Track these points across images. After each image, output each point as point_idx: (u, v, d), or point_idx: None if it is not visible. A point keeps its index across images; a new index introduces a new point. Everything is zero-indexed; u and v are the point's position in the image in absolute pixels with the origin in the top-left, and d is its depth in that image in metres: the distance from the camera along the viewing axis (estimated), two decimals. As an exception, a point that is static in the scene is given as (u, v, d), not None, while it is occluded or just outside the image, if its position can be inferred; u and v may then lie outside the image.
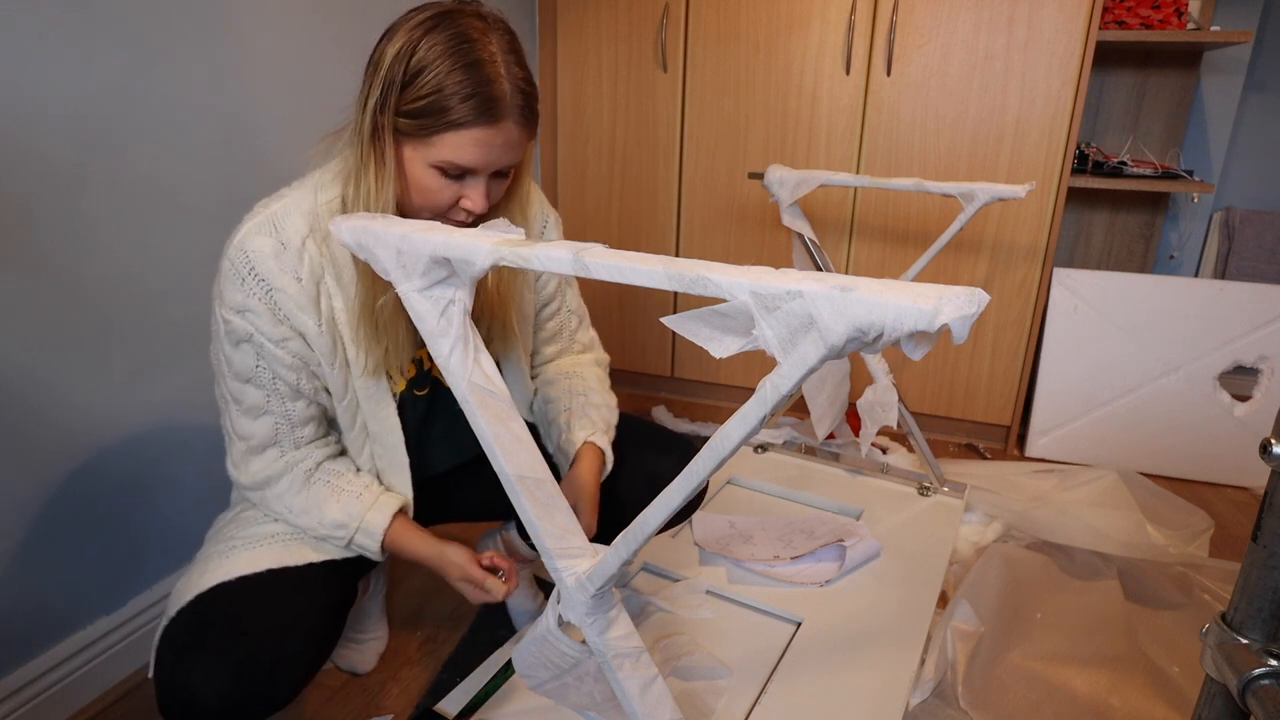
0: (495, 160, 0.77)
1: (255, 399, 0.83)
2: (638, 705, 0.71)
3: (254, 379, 0.82)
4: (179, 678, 0.75)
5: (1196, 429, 1.88)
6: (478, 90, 0.73)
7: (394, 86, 0.73)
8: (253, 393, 0.82)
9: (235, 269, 0.78)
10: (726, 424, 0.51)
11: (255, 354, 0.81)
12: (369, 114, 0.75)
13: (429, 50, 0.73)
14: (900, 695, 1.08)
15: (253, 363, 0.81)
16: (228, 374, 0.82)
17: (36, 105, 0.96)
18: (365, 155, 0.77)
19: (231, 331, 0.80)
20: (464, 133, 0.74)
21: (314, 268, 0.81)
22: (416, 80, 0.73)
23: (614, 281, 0.51)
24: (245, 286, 0.78)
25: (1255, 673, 0.52)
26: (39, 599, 1.04)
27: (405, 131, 0.75)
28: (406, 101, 0.74)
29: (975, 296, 0.40)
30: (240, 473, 0.87)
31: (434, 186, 0.77)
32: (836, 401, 1.77)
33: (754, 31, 1.95)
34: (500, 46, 0.76)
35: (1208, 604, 1.33)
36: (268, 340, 0.80)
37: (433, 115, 0.73)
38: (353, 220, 0.67)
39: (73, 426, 1.05)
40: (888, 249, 1.99)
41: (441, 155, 0.75)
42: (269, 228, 0.79)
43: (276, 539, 0.87)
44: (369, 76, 0.76)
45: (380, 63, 0.75)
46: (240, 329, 0.79)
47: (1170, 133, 2.09)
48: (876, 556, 1.41)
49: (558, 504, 0.69)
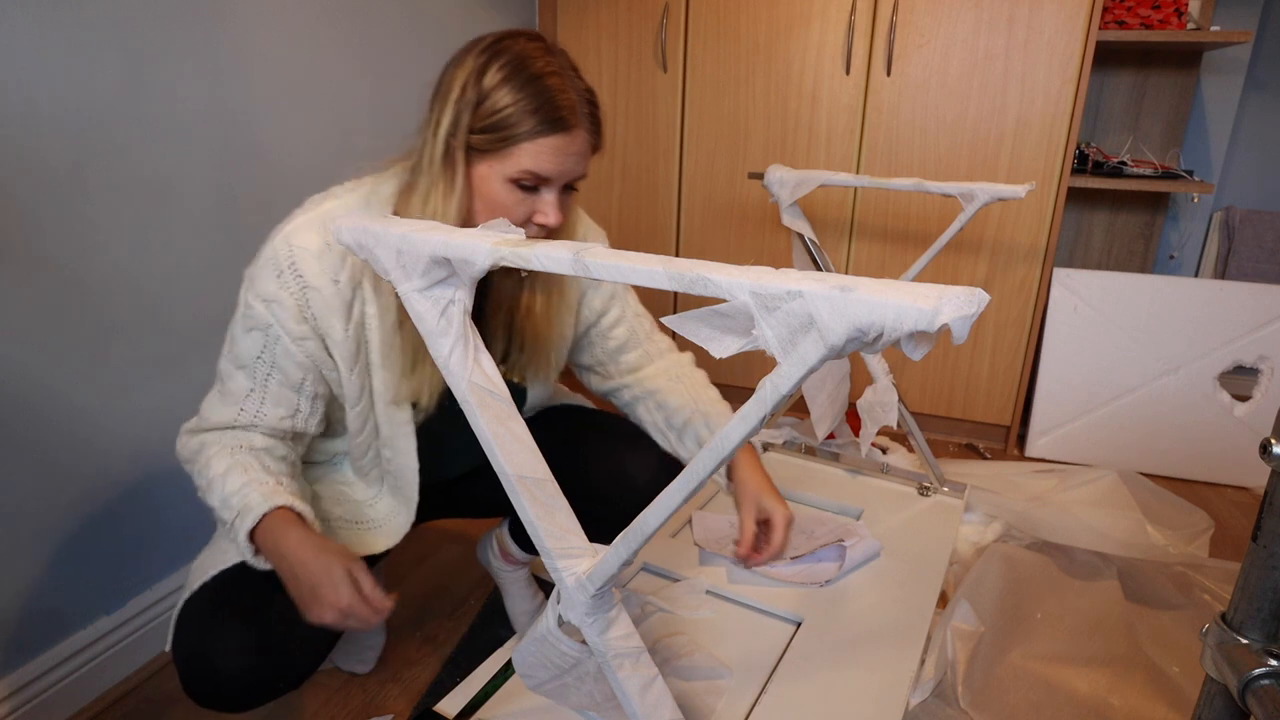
0: (570, 169, 0.80)
1: (239, 386, 0.83)
2: (637, 705, 0.71)
3: (250, 368, 0.82)
4: (201, 648, 0.77)
5: (1196, 429, 1.88)
6: (550, 100, 0.76)
7: (466, 108, 0.77)
8: (240, 381, 0.83)
9: (276, 260, 0.79)
10: (726, 424, 0.51)
11: (262, 344, 0.81)
12: (440, 139, 0.78)
13: (498, 70, 0.76)
14: (900, 695, 1.07)
15: (255, 352, 0.81)
16: (226, 355, 0.84)
17: (36, 105, 0.96)
18: (436, 178, 0.79)
19: (250, 316, 0.80)
20: (540, 141, 0.77)
21: (354, 272, 0.82)
22: (489, 98, 0.76)
23: (614, 281, 0.51)
24: (281, 279, 0.78)
25: (1255, 673, 0.52)
26: (39, 599, 1.04)
27: (480, 148, 0.78)
28: (480, 119, 0.76)
29: (975, 296, 0.40)
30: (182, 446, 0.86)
31: (509, 202, 0.79)
32: (836, 401, 1.77)
33: (754, 31, 1.95)
34: (562, 62, 0.80)
35: (1208, 604, 1.33)
36: (285, 334, 0.80)
37: (508, 128, 0.76)
38: (352, 220, 0.67)
39: (73, 426, 1.05)
40: (888, 249, 1.99)
41: (520, 165, 0.77)
42: (319, 225, 0.80)
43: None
44: (436, 104, 0.79)
45: (449, 89, 0.78)
46: (260, 317, 0.80)
47: (1170, 133, 2.09)
48: (876, 556, 1.41)
49: (557, 504, 0.69)
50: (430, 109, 0.80)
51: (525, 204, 0.80)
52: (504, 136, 0.76)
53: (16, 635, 1.02)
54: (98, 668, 1.11)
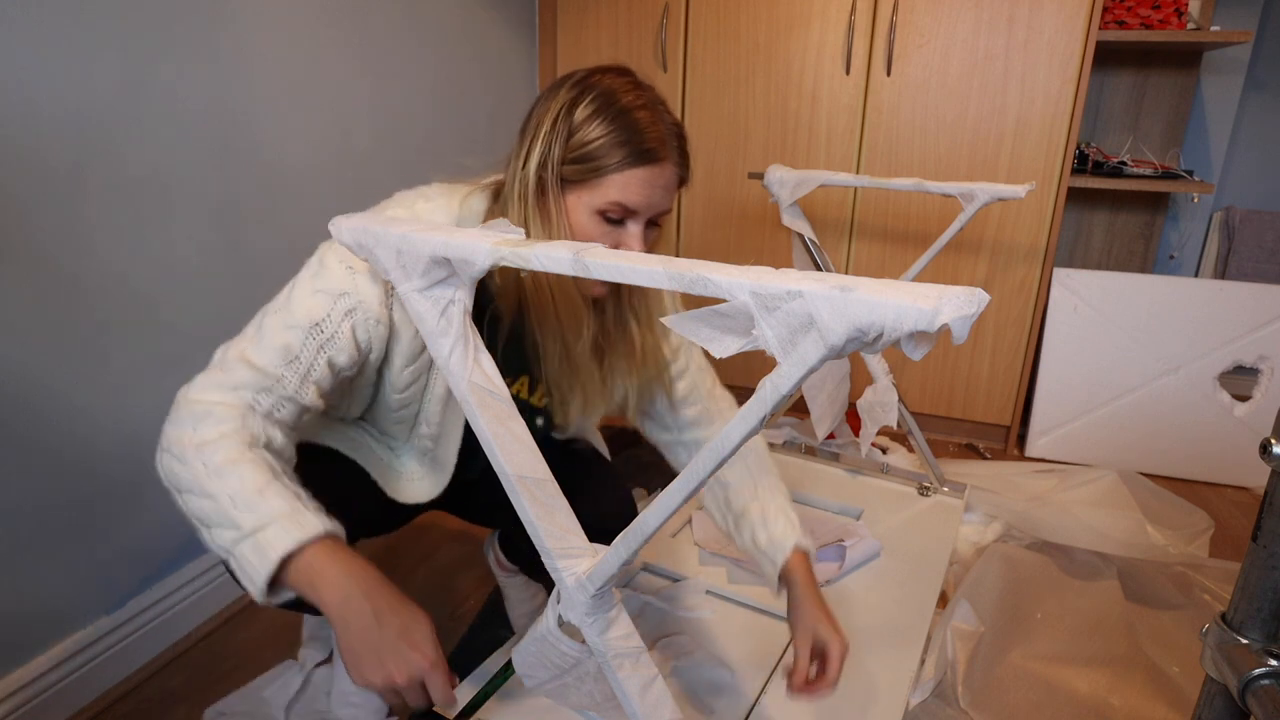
0: (657, 202, 0.80)
1: (287, 348, 0.71)
2: (637, 705, 0.71)
3: (305, 332, 0.72)
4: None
5: (1196, 429, 1.88)
6: (639, 133, 0.77)
7: (557, 140, 0.77)
8: (294, 339, 0.71)
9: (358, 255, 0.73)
10: (726, 424, 0.51)
11: (327, 313, 0.72)
12: (532, 171, 0.77)
13: (588, 104, 0.77)
14: (900, 695, 1.07)
15: (317, 318, 0.72)
16: (279, 310, 0.73)
17: (36, 105, 0.96)
18: (531, 211, 0.78)
19: (326, 276, 0.73)
20: (629, 173, 0.77)
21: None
22: (580, 131, 0.76)
23: (614, 282, 0.51)
24: (367, 265, 0.73)
25: (1255, 673, 0.52)
26: (39, 599, 1.04)
27: (571, 179, 0.78)
28: (572, 150, 0.77)
29: (975, 296, 0.40)
30: (190, 391, 0.70)
31: (596, 234, 0.79)
32: (836, 401, 1.77)
33: (754, 31, 1.95)
34: (651, 96, 0.80)
35: (1208, 604, 1.33)
36: (360, 310, 0.74)
37: (599, 159, 0.76)
38: (352, 220, 0.67)
39: (72, 427, 1.05)
40: (888, 249, 1.99)
41: (608, 197, 0.77)
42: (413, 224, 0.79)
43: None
44: (526, 138, 0.79)
45: (540, 122, 0.78)
46: (338, 281, 0.73)
47: (1170, 133, 2.09)
48: (876, 556, 1.41)
49: (557, 504, 0.68)
50: (519, 142, 0.80)
51: (610, 236, 0.80)
52: (594, 168, 0.77)
53: (16, 635, 1.02)
54: (98, 668, 1.11)
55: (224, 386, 0.70)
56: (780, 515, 0.98)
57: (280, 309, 0.74)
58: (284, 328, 0.72)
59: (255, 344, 0.72)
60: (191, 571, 1.25)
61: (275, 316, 0.73)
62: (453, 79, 1.80)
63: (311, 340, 0.73)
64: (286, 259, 1.35)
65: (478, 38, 1.89)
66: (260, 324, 0.74)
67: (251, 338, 0.73)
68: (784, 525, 0.97)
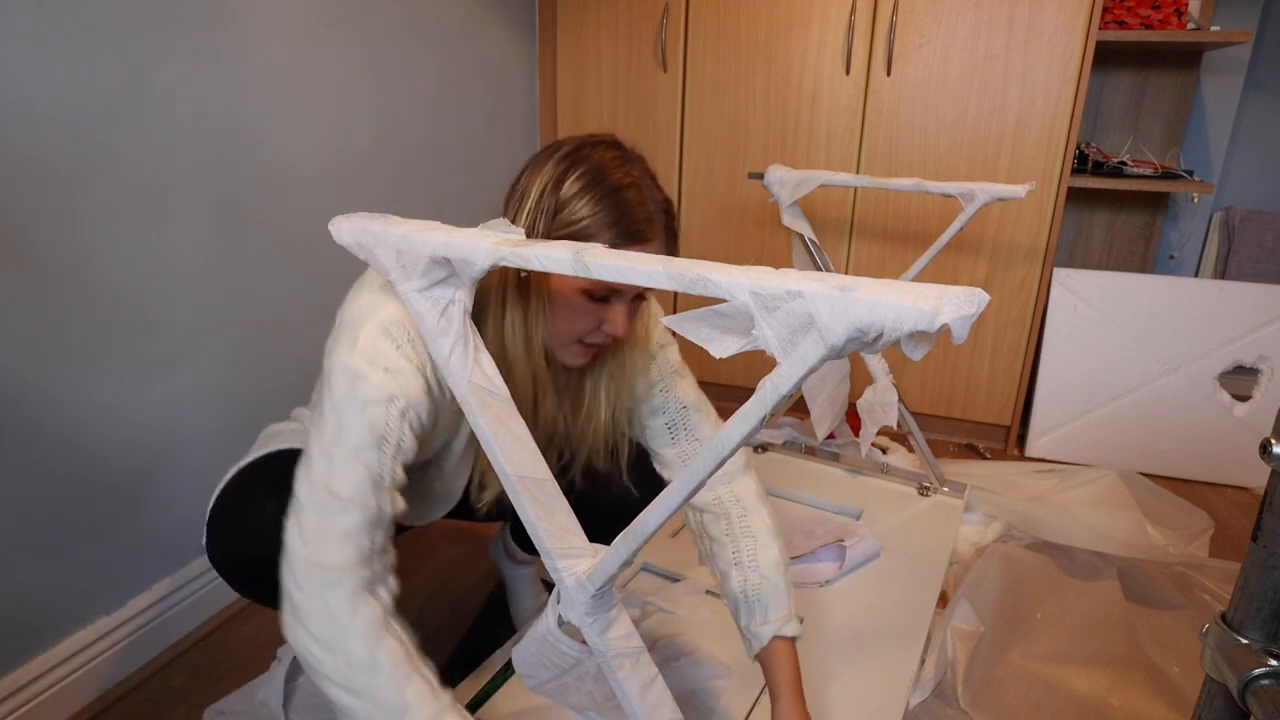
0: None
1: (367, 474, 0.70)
2: (638, 705, 0.71)
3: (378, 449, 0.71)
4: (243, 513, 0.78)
5: (1196, 429, 1.88)
6: (627, 213, 0.75)
7: (543, 215, 0.75)
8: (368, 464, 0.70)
9: (389, 331, 0.71)
10: (727, 424, 0.51)
11: (385, 421, 0.71)
12: None
13: (576, 179, 0.75)
14: (900, 695, 1.07)
15: (380, 431, 0.71)
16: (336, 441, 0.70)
17: (36, 107, 0.96)
18: (511, 283, 0.76)
19: (366, 390, 0.70)
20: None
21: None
22: (567, 207, 0.74)
23: (614, 282, 0.51)
24: (402, 350, 0.71)
25: (1255, 673, 0.52)
26: (39, 599, 1.04)
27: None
28: (558, 228, 0.75)
29: (975, 296, 0.40)
30: (309, 552, 0.69)
31: (579, 309, 0.77)
32: (836, 401, 1.77)
33: (754, 31, 1.95)
34: (640, 171, 0.79)
35: (1208, 604, 1.33)
36: (412, 407, 0.72)
37: (585, 238, 0.74)
38: (352, 220, 0.67)
39: (72, 427, 1.05)
40: (888, 249, 1.99)
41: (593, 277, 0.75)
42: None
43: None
44: (512, 208, 0.77)
45: (526, 193, 0.76)
46: (381, 389, 0.70)
47: (1170, 133, 2.09)
48: (876, 556, 1.41)
49: (557, 504, 0.68)
50: (505, 208, 0.78)
51: (595, 313, 0.78)
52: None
53: (17, 635, 1.02)
54: (98, 668, 1.11)
55: (336, 536, 0.69)
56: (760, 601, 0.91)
57: (337, 437, 0.70)
58: (353, 453, 0.70)
59: (337, 476, 0.70)
60: (191, 571, 1.25)
61: (339, 447, 0.70)
62: (453, 79, 1.80)
63: (385, 454, 0.71)
64: (286, 260, 1.36)
65: (478, 38, 1.89)
66: (328, 456, 0.70)
67: (327, 470, 0.70)
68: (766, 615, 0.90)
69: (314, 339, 1.45)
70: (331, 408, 0.70)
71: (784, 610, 0.91)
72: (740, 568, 0.92)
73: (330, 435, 0.70)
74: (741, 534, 0.94)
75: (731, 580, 0.92)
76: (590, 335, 0.80)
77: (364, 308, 0.72)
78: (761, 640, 0.89)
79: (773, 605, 0.90)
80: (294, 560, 0.69)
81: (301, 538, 0.69)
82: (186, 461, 1.22)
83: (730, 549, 0.93)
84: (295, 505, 0.71)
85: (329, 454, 0.70)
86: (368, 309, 0.72)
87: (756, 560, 0.92)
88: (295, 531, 0.70)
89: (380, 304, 0.72)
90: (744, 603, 0.91)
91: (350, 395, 0.70)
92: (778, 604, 0.91)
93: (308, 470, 0.71)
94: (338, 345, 0.72)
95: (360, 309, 0.72)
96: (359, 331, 0.71)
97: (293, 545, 0.70)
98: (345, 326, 0.72)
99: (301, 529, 0.69)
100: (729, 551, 0.93)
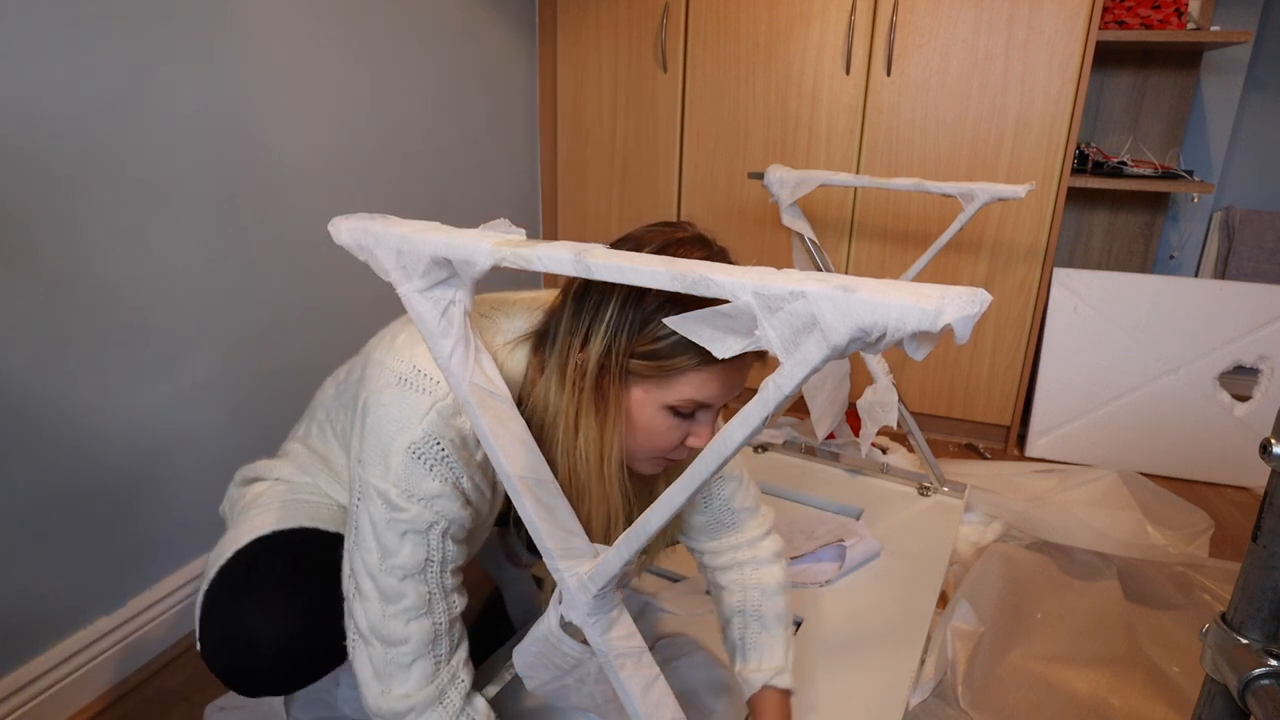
0: (733, 391, 0.72)
1: (418, 596, 0.71)
2: (639, 705, 0.71)
3: (423, 573, 0.71)
4: (238, 615, 0.76)
5: (1196, 429, 1.88)
6: None
7: (625, 329, 0.67)
8: (417, 589, 0.71)
9: (423, 455, 0.69)
10: (728, 424, 0.51)
11: (426, 544, 0.71)
12: (593, 358, 0.68)
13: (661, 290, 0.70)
14: (900, 695, 1.07)
15: (424, 555, 0.71)
16: (382, 568, 0.70)
17: (36, 106, 0.96)
18: (586, 398, 0.70)
19: (405, 520, 0.69)
20: (707, 370, 0.68)
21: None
22: (652, 324, 0.67)
23: (616, 282, 0.51)
24: (435, 471, 0.70)
25: (1255, 673, 0.52)
26: (39, 599, 1.04)
27: (639, 374, 0.69)
28: (643, 344, 0.67)
29: (977, 296, 0.40)
30: (383, 695, 0.72)
31: (663, 428, 0.71)
32: (836, 401, 1.77)
33: (754, 31, 1.95)
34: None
35: (1208, 604, 1.33)
36: (454, 525, 0.72)
37: (675, 357, 0.67)
38: (352, 221, 0.67)
39: (73, 428, 1.05)
40: (888, 249, 1.99)
41: (681, 395, 0.69)
42: (454, 411, 0.71)
43: (303, 504, 0.87)
44: (589, 310, 0.69)
45: (604, 300, 0.68)
46: (422, 518, 0.70)
47: (1170, 133, 2.09)
48: (876, 556, 1.41)
49: (558, 504, 0.68)
50: (577, 311, 0.70)
51: (680, 429, 0.72)
52: (667, 367, 0.68)
53: (16, 635, 1.02)
54: (98, 668, 1.11)
55: (403, 667, 0.72)
56: (763, 643, 0.92)
57: (384, 564, 0.70)
58: (401, 581, 0.71)
59: (392, 605, 0.71)
60: (191, 571, 1.25)
61: (387, 575, 0.70)
62: (453, 79, 1.80)
63: (431, 574, 0.72)
64: (286, 260, 1.36)
65: (478, 38, 1.89)
66: (378, 586, 0.71)
67: (378, 604, 0.71)
68: (762, 656, 0.92)
69: (313, 339, 1.45)
70: (370, 525, 0.70)
71: (779, 661, 0.92)
72: (743, 615, 0.94)
73: (374, 559, 0.70)
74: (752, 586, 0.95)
75: (733, 626, 0.94)
76: (674, 452, 0.74)
77: (392, 422, 0.69)
78: (752, 686, 0.91)
79: (768, 654, 0.92)
80: (368, 694, 0.73)
81: (375, 674, 0.72)
82: (186, 461, 1.22)
83: (738, 596, 0.95)
84: (358, 637, 0.73)
85: (377, 581, 0.71)
86: (394, 426, 0.68)
87: (761, 611, 0.93)
88: (366, 668, 0.72)
89: (409, 417, 0.68)
90: (740, 649, 0.93)
91: (389, 522, 0.69)
92: (774, 654, 0.92)
93: (361, 601, 0.72)
94: (368, 461, 0.69)
95: (388, 423, 0.69)
96: (389, 456, 0.68)
97: (364, 678, 0.73)
98: (373, 440, 0.69)
99: (372, 664, 0.72)
100: (735, 599, 0.95)
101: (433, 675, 0.73)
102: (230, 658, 0.79)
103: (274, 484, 0.91)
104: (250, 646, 0.77)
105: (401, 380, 0.69)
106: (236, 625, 0.79)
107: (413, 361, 0.70)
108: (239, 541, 0.84)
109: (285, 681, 0.80)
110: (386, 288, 0.65)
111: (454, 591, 0.75)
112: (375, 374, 0.71)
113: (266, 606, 0.78)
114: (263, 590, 0.79)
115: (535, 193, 2.27)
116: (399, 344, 0.72)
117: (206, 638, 0.81)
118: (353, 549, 0.72)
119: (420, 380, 0.69)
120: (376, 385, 0.70)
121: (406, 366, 0.70)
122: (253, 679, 0.80)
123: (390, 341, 0.73)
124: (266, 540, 0.84)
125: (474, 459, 0.73)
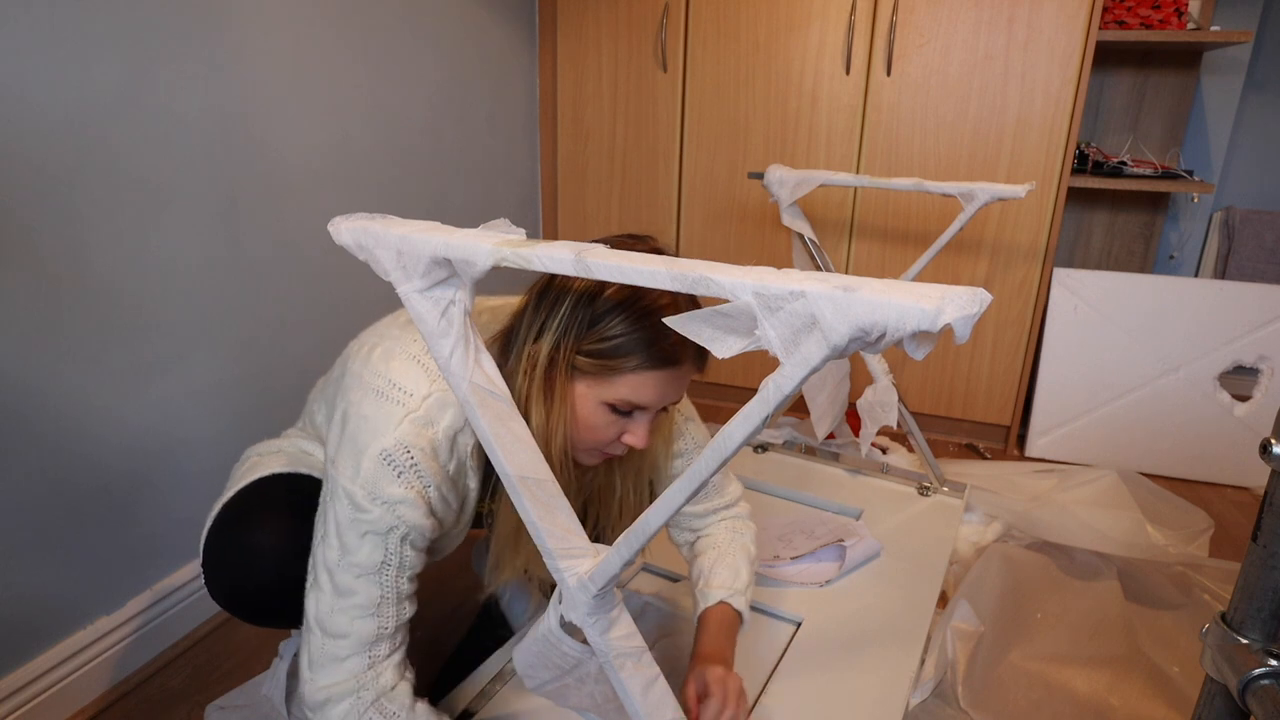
0: (668, 397, 0.78)
1: (368, 597, 0.74)
2: (639, 705, 0.71)
3: (379, 574, 0.74)
4: (237, 540, 0.79)
5: (1196, 429, 1.88)
6: (662, 336, 0.73)
7: (575, 326, 0.74)
8: (369, 589, 0.74)
9: (392, 460, 0.73)
10: (729, 424, 0.51)
11: (385, 547, 0.74)
12: (544, 351, 0.74)
13: (612, 294, 0.74)
14: (900, 695, 1.08)
15: (381, 557, 0.74)
16: (340, 564, 0.73)
17: (35, 106, 0.96)
18: (536, 389, 0.75)
19: (367, 521, 0.72)
20: (645, 374, 0.74)
21: (460, 457, 0.78)
22: (601, 324, 0.73)
23: (615, 282, 0.51)
24: (404, 479, 0.73)
25: (1255, 673, 0.52)
26: (39, 599, 1.04)
27: (583, 370, 0.75)
28: (589, 342, 0.74)
29: (977, 296, 0.40)
30: (309, 684, 0.75)
31: (601, 423, 0.77)
32: (836, 401, 1.77)
33: (754, 31, 1.95)
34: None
35: (1208, 604, 1.33)
36: (413, 530, 0.75)
37: (616, 358, 0.74)
38: (352, 221, 0.67)
39: (72, 427, 1.05)
40: (888, 249, 1.99)
41: (618, 394, 0.75)
42: (426, 422, 0.74)
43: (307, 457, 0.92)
44: (545, 307, 0.76)
45: (560, 298, 0.75)
46: (382, 521, 0.73)
47: (1170, 133, 2.09)
48: (876, 556, 1.41)
49: (558, 504, 0.68)
50: (535, 307, 0.77)
51: (617, 425, 0.78)
52: (609, 365, 0.74)
53: (16, 635, 1.02)
54: (98, 668, 1.11)
55: (337, 660, 0.75)
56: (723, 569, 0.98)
57: (342, 561, 0.74)
58: (354, 578, 0.74)
59: (342, 600, 0.74)
60: (191, 571, 1.25)
61: (343, 571, 0.74)
62: (453, 79, 1.80)
63: (386, 577, 0.75)
64: (286, 260, 1.36)
65: (478, 38, 1.89)
66: (333, 581, 0.74)
67: (331, 595, 0.74)
68: (722, 577, 0.98)
69: (313, 339, 1.45)
70: (334, 523, 0.74)
71: (739, 584, 0.98)
72: (717, 550, 1.01)
73: (334, 555, 0.73)
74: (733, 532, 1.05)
75: (705, 558, 1.01)
76: (610, 446, 0.80)
77: (368, 430, 0.72)
78: (707, 600, 0.96)
79: (729, 577, 0.98)
80: (304, 684, 0.76)
81: (309, 663, 0.75)
82: (186, 461, 1.22)
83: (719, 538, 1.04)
84: (306, 627, 0.76)
85: (332, 576, 0.74)
86: (369, 433, 0.72)
87: (733, 548, 1.02)
88: (304, 656, 0.76)
89: (385, 424, 0.72)
90: (702, 573, 0.99)
91: (352, 521, 0.72)
92: (736, 577, 0.98)
93: (315, 593, 0.75)
94: (341, 462, 0.73)
95: (364, 431, 0.73)
96: (361, 458, 0.72)
97: (301, 666, 0.76)
98: (349, 445, 0.73)
99: (309, 653, 0.75)
100: (712, 540, 1.04)
101: (360, 673, 0.75)
102: (230, 572, 0.82)
103: (277, 453, 0.95)
104: (251, 562, 0.81)
105: (377, 393, 0.74)
106: (238, 546, 0.82)
107: (388, 375, 0.75)
108: (244, 481, 0.89)
109: (287, 606, 0.80)
110: (386, 288, 0.65)
111: (406, 599, 0.77)
112: (353, 385, 0.76)
113: (267, 527, 0.81)
114: (264, 514, 0.83)
115: (535, 193, 2.27)
116: (375, 358, 0.76)
117: (209, 564, 0.84)
118: (318, 544, 0.75)
119: (394, 393, 0.74)
120: (356, 398, 0.75)
121: (382, 381, 0.74)
122: (254, 600, 0.83)
123: (367, 355, 0.77)
124: (270, 479, 0.88)
125: (445, 470, 0.76)
